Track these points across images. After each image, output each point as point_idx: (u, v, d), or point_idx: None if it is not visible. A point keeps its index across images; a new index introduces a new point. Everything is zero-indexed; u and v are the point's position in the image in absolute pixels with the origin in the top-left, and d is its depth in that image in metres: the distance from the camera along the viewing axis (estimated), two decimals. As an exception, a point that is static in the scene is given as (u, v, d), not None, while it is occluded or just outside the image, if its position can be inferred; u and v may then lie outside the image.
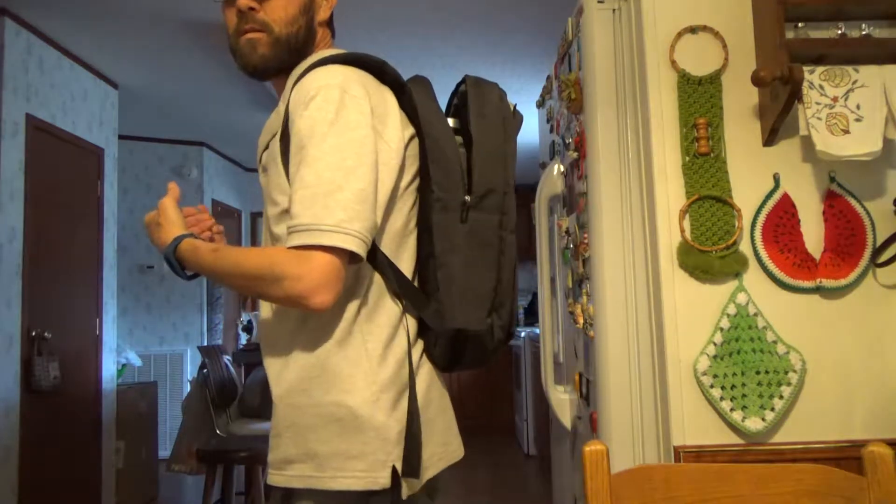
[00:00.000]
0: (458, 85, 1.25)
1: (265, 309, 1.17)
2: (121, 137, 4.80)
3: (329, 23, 1.27)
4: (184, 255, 1.12)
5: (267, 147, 1.17)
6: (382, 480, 1.05)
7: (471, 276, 1.13)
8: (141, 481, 4.46)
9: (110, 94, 4.43)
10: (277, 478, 1.11)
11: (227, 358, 4.03)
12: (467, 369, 1.21)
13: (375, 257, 1.10)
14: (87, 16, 3.50)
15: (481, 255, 1.14)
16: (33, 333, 3.52)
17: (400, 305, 1.13)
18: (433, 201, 1.12)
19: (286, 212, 1.07)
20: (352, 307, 1.09)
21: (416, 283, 1.16)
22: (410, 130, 1.16)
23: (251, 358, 4.76)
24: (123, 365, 4.74)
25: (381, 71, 1.16)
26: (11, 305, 3.39)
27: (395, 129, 1.12)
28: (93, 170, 4.23)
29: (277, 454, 1.11)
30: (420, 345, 1.16)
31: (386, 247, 1.12)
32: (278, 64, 1.18)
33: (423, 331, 1.16)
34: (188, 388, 4.80)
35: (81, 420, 3.96)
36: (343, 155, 1.02)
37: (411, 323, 1.14)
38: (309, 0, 1.20)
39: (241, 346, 5.67)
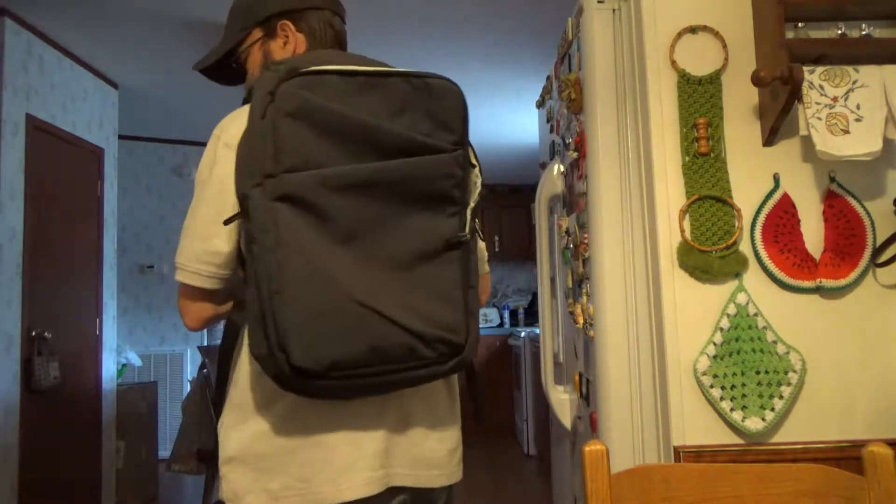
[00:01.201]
0: None
1: None
2: (121, 137, 4.80)
3: (304, 50, 1.26)
4: None
5: None
6: (221, 494, 1.11)
7: (247, 297, 1.02)
8: (141, 481, 4.45)
9: (110, 94, 4.43)
10: None
11: (227, 358, 4.02)
12: (313, 398, 1.05)
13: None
14: (87, 16, 3.50)
15: (247, 272, 1.03)
16: (33, 333, 3.51)
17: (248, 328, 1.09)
18: None
19: None
20: (239, 330, 1.13)
21: None
22: None
23: (251, 358, 4.76)
24: (123, 365, 4.73)
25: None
26: (11, 305, 3.39)
27: None
28: (93, 170, 4.23)
29: None
30: None
31: None
32: None
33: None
34: (188, 388, 4.80)
35: (81, 420, 3.96)
36: (195, 198, 1.13)
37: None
38: (261, 56, 1.28)
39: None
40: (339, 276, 0.99)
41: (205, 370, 3.70)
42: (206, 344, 5.75)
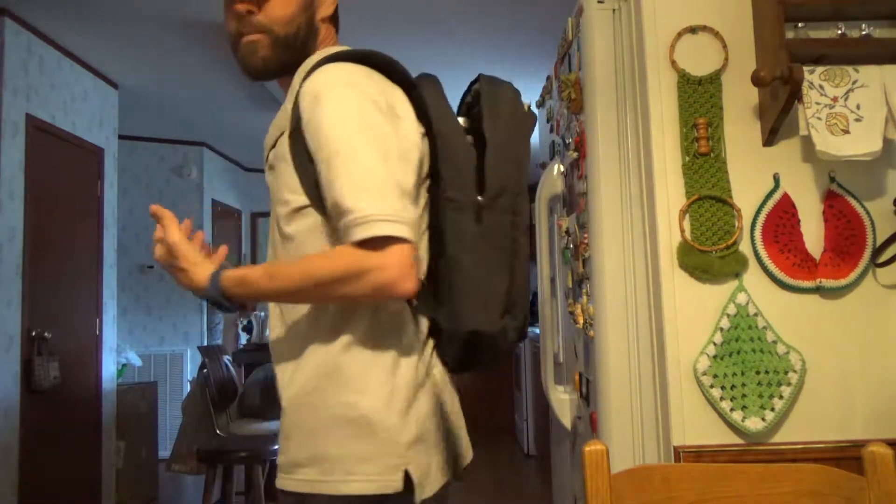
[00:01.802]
0: (472, 84, 1.25)
1: (274, 314, 1.17)
2: (121, 137, 4.81)
3: (333, 19, 1.25)
4: (230, 290, 1.08)
5: (274, 145, 1.16)
6: (395, 484, 1.04)
7: (484, 277, 1.10)
8: (141, 481, 4.46)
9: (110, 94, 4.43)
10: (287, 482, 1.09)
11: (227, 358, 4.03)
12: (480, 371, 1.19)
13: None
14: (87, 16, 3.50)
15: (494, 257, 1.12)
16: (33, 333, 3.51)
17: (411, 306, 1.12)
18: (445, 201, 1.11)
19: (298, 210, 1.09)
20: (361, 306, 1.08)
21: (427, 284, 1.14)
22: (421, 129, 1.14)
23: (251, 358, 4.77)
24: (123, 365, 4.74)
25: (389, 69, 1.14)
26: (11, 305, 3.39)
27: (412, 124, 1.11)
28: (93, 170, 4.23)
29: (286, 457, 1.10)
30: (431, 345, 1.14)
31: None
32: (280, 65, 1.18)
33: (433, 332, 1.15)
34: (188, 388, 4.81)
35: (81, 420, 3.96)
36: (375, 150, 1.02)
37: (423, 324, 1.13)
38: None
39: (241, 346, 5.67)
40: None
41: (205, 370, 3.70)
42: (205, 344, 5.75)
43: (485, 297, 1.10)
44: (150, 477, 4.58)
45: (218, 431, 3.61)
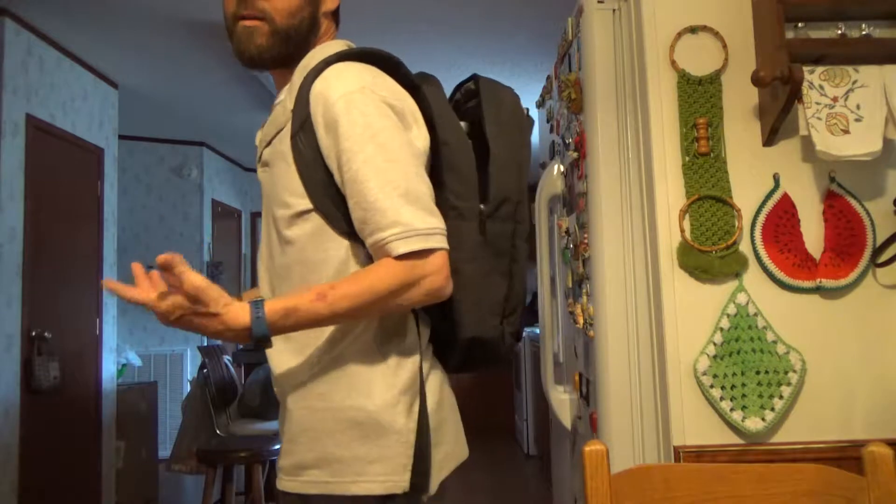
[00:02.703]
0: (462, 82, 1.24)
1: None
2: (121, 137, 4.81)
3: (335, 14, 1.23)
4: (277, 324, 0.99)
5: (270, 143, 1.14)
6: (403, 484, 1.05)
7: (485, 284, 1.12)
8: (141, 481, 4.45)
9: (110, 94, 4.43)
10: (290, 484, 1.09)
11: (227, 358, 4.03)
12: (477, 371, 1.20)
13: None
14: (87, 16, 3.50)
15: (495, 264, 1.14)
16: (33, 333, 3.51)
17: (413, 310, 1.12)
18: (447, 209, 1.09)
19: (299, 215, 1.08)
20: None
21: None
22: (428, 136, 1.13)
23: (251, 358, 4.76)
24: (123, 365, 4.74)
25: (394, 70, 1.13)
26: (11, 305, 3.39)
27: (421, 131, 1.11)
28: (93, 170, 4.23)
29: (290, 459, 1.10)
30: (430, 347, 1.15)
31: None
32: (275, 55, 1.14)
33: (433, 335, 1.16)
34: (188, 388, 4.80)
35: (81, 420, 3.96)
36: (404, 161, 1.04)
37: (423, 326, 1.14)
38: None
39: (241, 347, 5.67)
40: None
41: (205, 370, 3.71)
42: (206, 344, 5.75)
43: (485, 304, 1.13)
44: (150, 477, 4.58)
45: (218, 431, 3.61)
